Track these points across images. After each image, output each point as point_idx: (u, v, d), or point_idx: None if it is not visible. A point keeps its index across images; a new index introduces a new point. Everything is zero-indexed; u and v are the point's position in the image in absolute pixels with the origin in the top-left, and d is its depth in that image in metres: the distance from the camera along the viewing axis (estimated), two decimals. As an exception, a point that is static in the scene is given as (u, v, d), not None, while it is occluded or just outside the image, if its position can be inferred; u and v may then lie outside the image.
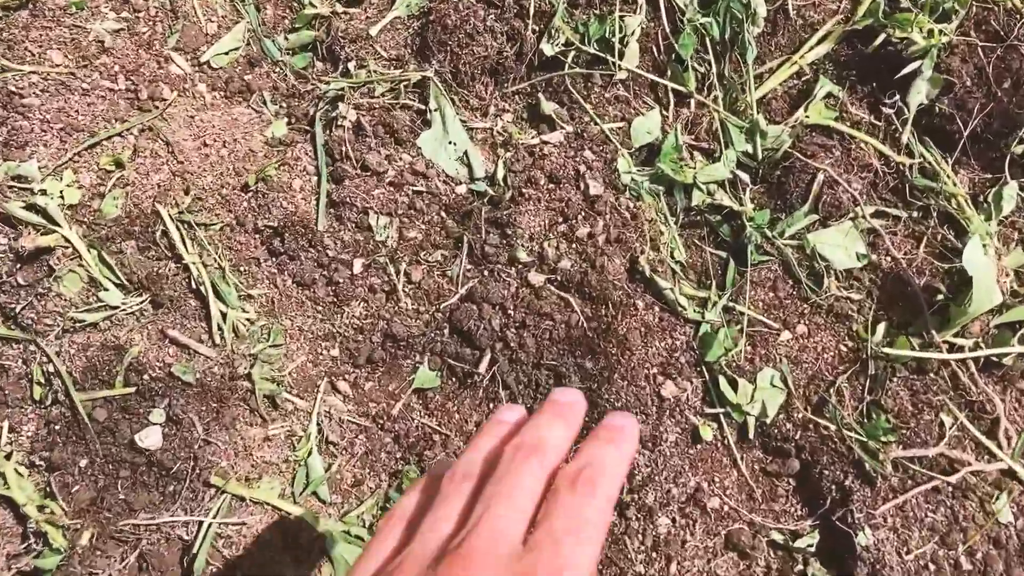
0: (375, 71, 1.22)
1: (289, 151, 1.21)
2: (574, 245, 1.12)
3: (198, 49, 1.28)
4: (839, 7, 1.22)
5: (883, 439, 1.04)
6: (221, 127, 1.23)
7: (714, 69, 1.21)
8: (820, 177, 1.12)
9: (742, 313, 1.12)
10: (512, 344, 1.09)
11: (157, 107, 1.22)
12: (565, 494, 0.51)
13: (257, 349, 1.11)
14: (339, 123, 1.19)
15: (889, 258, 1.12)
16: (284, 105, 1.26)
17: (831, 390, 1.07)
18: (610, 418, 0.58)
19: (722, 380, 1.09)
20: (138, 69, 1.23)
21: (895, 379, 1.07)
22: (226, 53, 1.29)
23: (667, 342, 1.10)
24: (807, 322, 1.12)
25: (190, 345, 1.10)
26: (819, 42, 1.22)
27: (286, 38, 1.29)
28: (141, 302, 1.11)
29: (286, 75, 1.27)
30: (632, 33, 1.22)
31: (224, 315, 1.11)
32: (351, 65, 1.24)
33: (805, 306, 1.12)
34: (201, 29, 1.28)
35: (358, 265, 1.13)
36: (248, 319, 1.12)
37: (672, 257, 1.15)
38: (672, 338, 1.10)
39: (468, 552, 0.48)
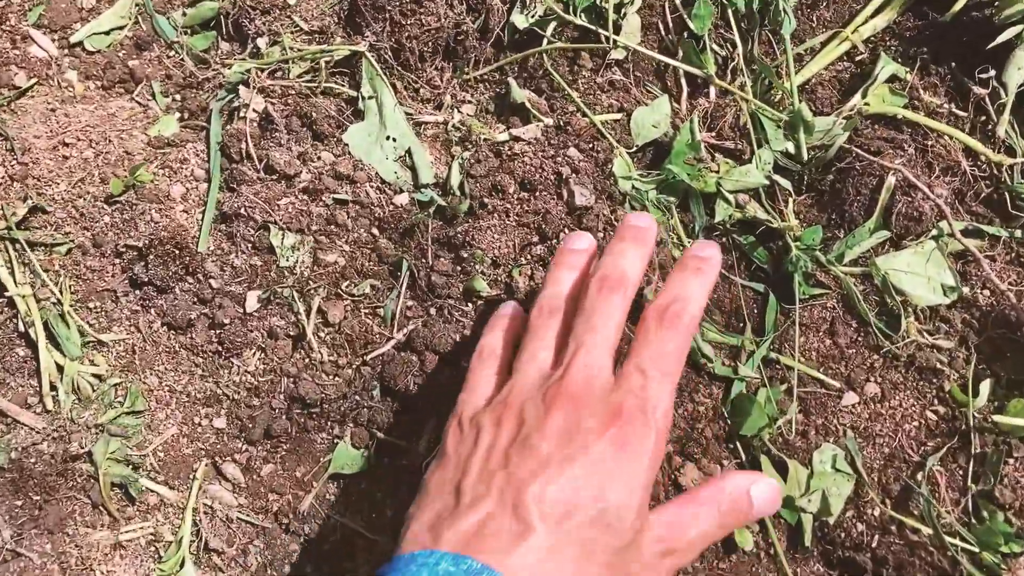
0: (291, 48, 0.92)
1: (175, 152, 0.90)
2: (554, 273, 0.81)
3: (68, 27, 0.99)
4: (901, -32, 0.93)
5: (1004, 548, 0.71)
6: (91, 124, 0.93)
7: (739, 49, 0.92)
8: (890, 180, 0.82)
9: (789, 367, 0.80)
10: (467, 410, 0.77)
11: (3, 95, 0.92)
12: (654, 330, 0.61)
13: (107, 417, 0.79)
14: (241, 114, 0.89)
15: (988, 291, 0.81)
16: (177, 98, 0.96)
17: (919, 476, 0.75)
18: (697, 247, 0.67)
19: (765, 462, 0.77)
20: (-19, 47, 0.94)
21: (1012, 460, 0.75)
22: (106, 33, 0.99)
23: (686, 408, 0.78)
24: (879, 379, 0.80)
25: (8, 411, 0.78)
26: (876, 12, 0.93)
27: (184, 13, 0.99)
28: (-55, 351, 0.79)
29: (182, 60, 0.97)
30: (631, 1, 0.93)
31: (61, 369, 0.79)
32: (262, 42, 0.94)
33: (875, 357, 0.81)
34: (74, 2, 0.99)
35: (253, 300, 0.81)
36: (96, 375, 0.80)
37: (689, 291, 0.84)
38: (693, 402, 0.78)
39: (568, 386, 0.57)
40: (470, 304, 0.80)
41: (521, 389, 0.60)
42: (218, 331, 0.81)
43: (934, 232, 0.82)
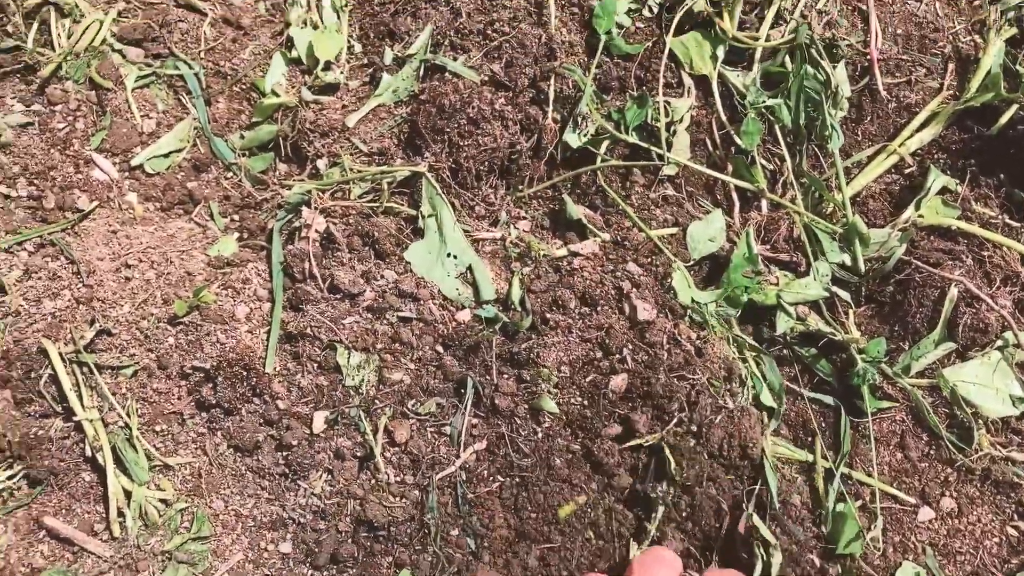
0: (351, 168, 0.94)
1: (236, 272, 0.91)
2: (621, 389, 0.81)
3: (129, 151, 1.01)
4: (943, 83, 0.96)
5: (1101, 672, 0.69)
6: (152, 244, 0.94)
7: (788, 163, 0.94)
8: (953, 291, 0.83)
9: (862, 483, 0.79)
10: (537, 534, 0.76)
11: (67, 218, 0.94)
12: None
13: (173, 544, 0.77)
14: (303, 234, 0.90)
15: (1057, 402, 0.81)
16: (236, 218, 0.98)
17: (1005, 595, 0.74)
18: None
19: (847, 582, 0.75)
20: (47, 172, 0.96)
21: (1099, 577, 0.73)
22: (165, 156, 1.01)
23: (764, 526, 0.76)
24: (954, 494, 0.79)
25: (75, 539, 0.76)
26: (922, 126, 0.95)
27: (242, 136, 1.02)
28: (11, 477, 0.79)
29: (240, 181, 0.99)
30: (680, 119, 0.96)
31: (128, 495, 0.78)
32: (321, 163, 0.96)
33: (949, 471, 0.80)
34: (135, 127, 1.02)
35: (320, 420, 0.81)
36: (163, 500, 0.79)
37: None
38: (770, 520, 0.77)
39: None
40: (537, 424, 0.80)
41: None
42: (285, 453, 0.80)
43: (999, 343, 0.82)
